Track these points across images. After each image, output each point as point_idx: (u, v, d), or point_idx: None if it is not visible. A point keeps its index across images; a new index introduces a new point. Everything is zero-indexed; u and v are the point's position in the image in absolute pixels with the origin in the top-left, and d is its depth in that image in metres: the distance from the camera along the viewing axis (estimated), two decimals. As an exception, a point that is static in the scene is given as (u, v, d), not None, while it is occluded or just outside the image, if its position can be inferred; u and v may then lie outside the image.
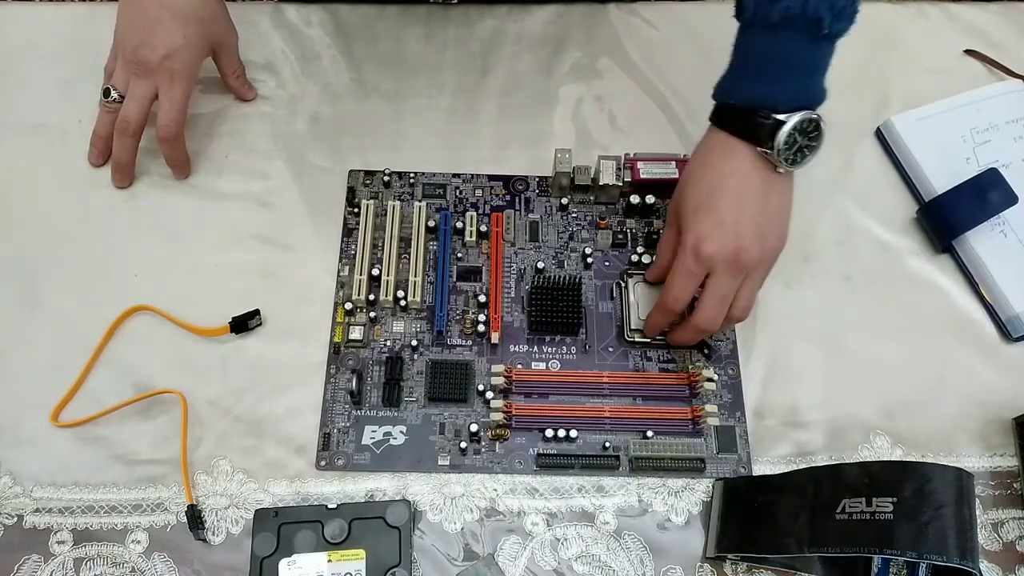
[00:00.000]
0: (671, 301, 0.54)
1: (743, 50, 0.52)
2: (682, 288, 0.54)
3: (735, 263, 0.52)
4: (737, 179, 0.52)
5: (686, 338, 0.57)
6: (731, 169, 0.52)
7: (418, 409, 0.57)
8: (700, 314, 0.53)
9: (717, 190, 0.52)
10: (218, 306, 0.59)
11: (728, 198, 0.52)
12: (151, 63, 0.59)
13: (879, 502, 0.46)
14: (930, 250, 0.64)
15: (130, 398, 0.56)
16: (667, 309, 0.55)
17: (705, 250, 0.52)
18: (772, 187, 0.53)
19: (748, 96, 0.52)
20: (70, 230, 0.63)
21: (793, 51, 0.50)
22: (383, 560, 0.52)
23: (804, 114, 0.51)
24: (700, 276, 0.53)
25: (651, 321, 0.58)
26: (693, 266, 0.52)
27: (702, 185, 0.53)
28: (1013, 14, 0.75)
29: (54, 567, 0.53)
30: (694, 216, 0.53)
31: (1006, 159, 0.66)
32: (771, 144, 0.51)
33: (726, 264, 0.52)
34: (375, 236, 0.62)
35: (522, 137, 0.68)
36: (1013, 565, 0.54)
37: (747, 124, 0.52)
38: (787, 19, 0.49)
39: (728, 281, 0.53)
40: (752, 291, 0.54)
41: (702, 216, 0.52)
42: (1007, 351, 0.61)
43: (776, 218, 0.53)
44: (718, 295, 0.53)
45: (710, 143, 0.54)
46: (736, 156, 0.52)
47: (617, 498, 0.56)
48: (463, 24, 0.73)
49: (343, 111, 0.68)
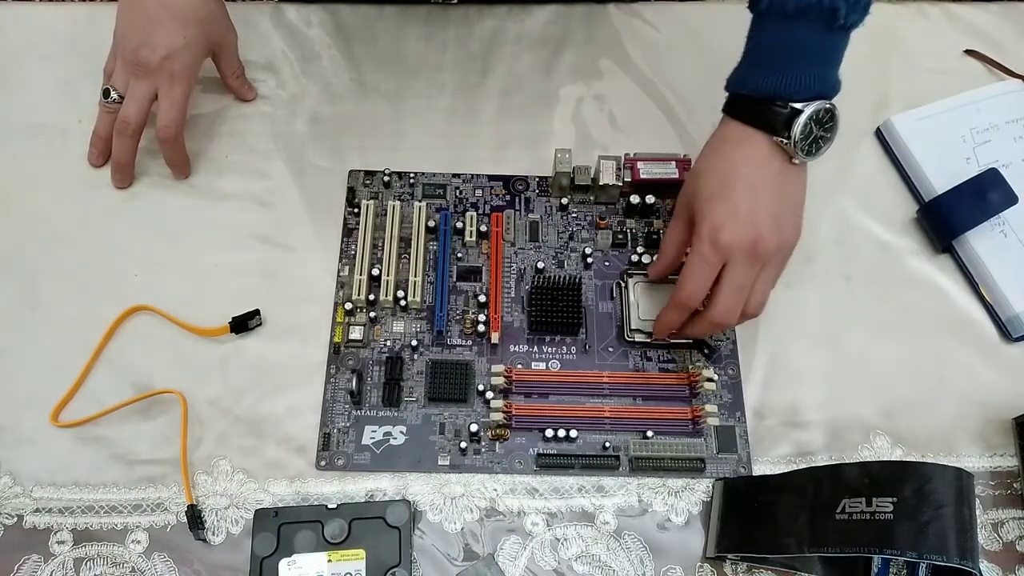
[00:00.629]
0: (686, 296, 0.53)
1: (757, 40, 0.52)
2: (698, 281, 0.52)
3: (753, 252, 0.51)
4: (752, 168, 0.52)
5: (699, 333, 0.56)
6: (745, 158, 0.52)
7: (418, 409, 0.57)
8: (717, 307, 0.52)
9: (732, 179, 0.52)
10: (218, 306, 0.59)
11: (743, 187, 0.51)
12: (151, 63, 0.59)
13: (879, 502, 0.46)
14: (930, 250, 0.64)
15: (130, 398, 0.56)
16: (683, 305, 0.53)
17: (723, 239, 0.50)
18: (788, 177, 0.52)
19: (763, 86, 0.51)
20: (70, 230, 0.63)
21: (808, 41, 0.50)
22: (383, 560, 0.52)
23: (820, 103, 0.51)
24: (717, 267, 0.51)
25: (664, 320, 0.56)
26: (711, 256, 0.51)
27: (716, 175, 0.52)
28: (1013, 14, 0.75)
29: (54, 567, 0.53)
30: (708, 205, 0.52)
31: (1006, 159, 0.66)
32: (787, 133, 0.51)
33: (744, 253, 0.51)
34: (375, 236, 0.62)
35: (522, 137, 0.68)
36: (1013, 565, 0.54)
37: (763, 113, 0.51)
38: (802, 9, 0.49)
39: (746, 271, 0.51)
40: (768, 284, 0.53)
41: (716, 205, 0.51)
42: (1007, 351, 0.61)
43: (791, 209, 0.53)
44: (735, 286, 0.52)
45: (724, 134, 0.54)
46: (751, 146, 0.52)
47: (617, 498, 0.56)
48: (463, 24, 0.73)
49: (343, 111, 0.68)
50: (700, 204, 0.52)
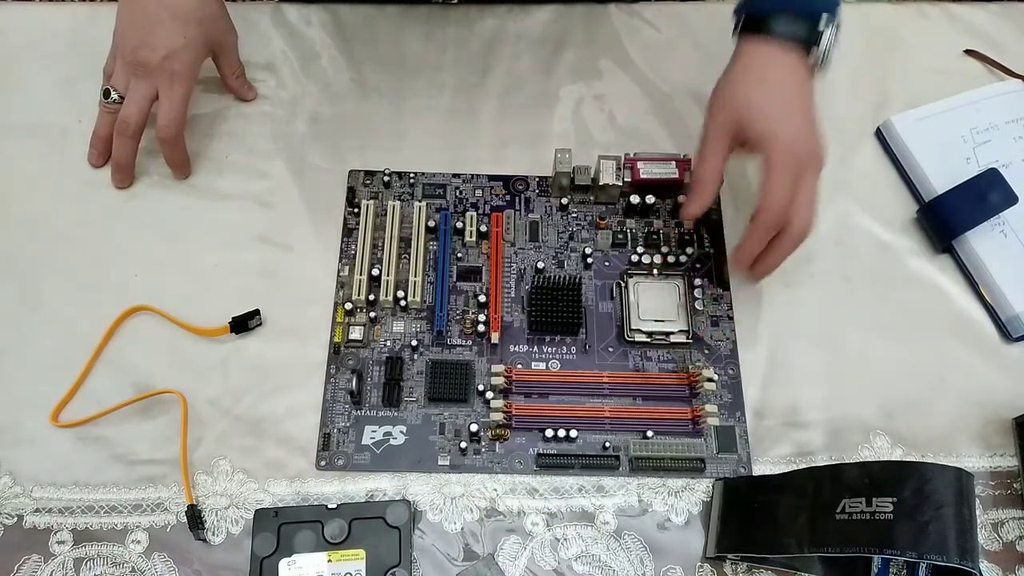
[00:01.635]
0: (775, 213, 0.54)
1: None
2: (782, 196, 0.54)
3: (818, 160, 0.55)
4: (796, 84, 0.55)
5: (781, 256, 0.57)
6: (784, 76, 0.55)
7: (418, 409, 0.57)
8: (800, 219, 0.54)
9: (785, 96, 0.55)
10: (218, 306, 0.59)
11: (796, 103, 0.55)
12: (151, 64, 0.59)
13: (879, 502, 0.46)
14: (930, 250, 0.64)
15: (130, 398, 0.56)
16: (771, 224, 0.55)
17: (797, 152, 0.54)
18: (811, 87, 0.57)
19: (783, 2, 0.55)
20: (70, 230, 0.63)
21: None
22: (383, 560, 0.52)
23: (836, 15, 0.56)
24: (794, 181, 0.54)
25: (746, 248, 0.57)
26: (792, 169, 0.54)
27: (768, 95, 0.55)
28: (1013, 14, 0.75)
29: (54, 567, 0.53)
30: (776, 125, 0.54)
31: (1006, 159, 0.66)
32: (816, 44, 0.55)
33: (814, 163, 0.55)
34: (375, 236, 0.62)
35: (522, 137, 0.68)
36: (1013, 565, 0.54)
37: (790, 27, 0.55)
38: None
39: (814, 179, 0.55)
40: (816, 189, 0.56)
41: (785, 123, 0.54)
42: (1007, 351, 0.61)
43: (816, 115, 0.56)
44: (811, 196, 0.55)
45: (751, 52, 0.56)
46: (785, 62, 0.55)
47: (617, 498, 0.56)
48: (463, 24, 0.73)
49: (343, 111, 0.68)
50: (761, 125, 0.54)
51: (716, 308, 0.61)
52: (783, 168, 0.54)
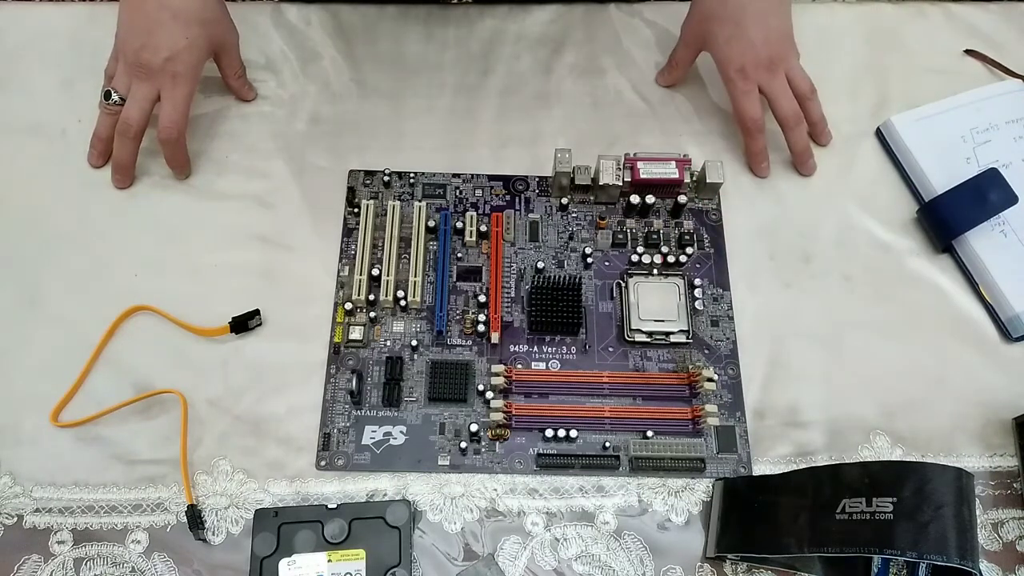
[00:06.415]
0: (751, 121, 0.63)
1: None
2: (749, 107, 0.63)
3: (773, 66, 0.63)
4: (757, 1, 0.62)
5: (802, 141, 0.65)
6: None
7: (418, 409, 0.57)
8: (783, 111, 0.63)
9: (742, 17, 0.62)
10: (218, 306, 0.59)
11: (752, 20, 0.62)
12: (153, 65, 0.59)
13: (879, 502, 0.46)
14: (930, 250, 0.64)
15: (130, 398, 0.56)
16: (755, 128, 0.64)
17: (748, 71, 0.62)
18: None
19: None
20: (70, 230, 0.63)
21: None
22: (383, 560, 0.52)
23: None
24: (755, 90, 0.63)
25: (753, 150, 0.65)
26: (745, 86, 0.63)
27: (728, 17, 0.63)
28: (1013, 14, 0.75)
29: (54, 567, 0.53)
30: (727, 48, 0.63)
31: (1006, 159, 0.66)
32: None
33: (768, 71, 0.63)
34: (375, 236, 0.62)
35: (522, 137, 0.68)
36: (1013, 565, 0.54)
37: None
38: None
39: (778, 79, 0.63)
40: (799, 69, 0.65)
41: (735, 45, 0.62)
42: (1007, 351, 0.61)
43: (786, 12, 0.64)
44: (779, 91, 0.63)
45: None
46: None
47: (617, 498, 0.56)
48: (463, 24, 0.73)
49: (343, 111, 0.68)
50: (719, 48, 0.64)
51: (716, 308, 0.61)
52: (736, 88, 0.63)
